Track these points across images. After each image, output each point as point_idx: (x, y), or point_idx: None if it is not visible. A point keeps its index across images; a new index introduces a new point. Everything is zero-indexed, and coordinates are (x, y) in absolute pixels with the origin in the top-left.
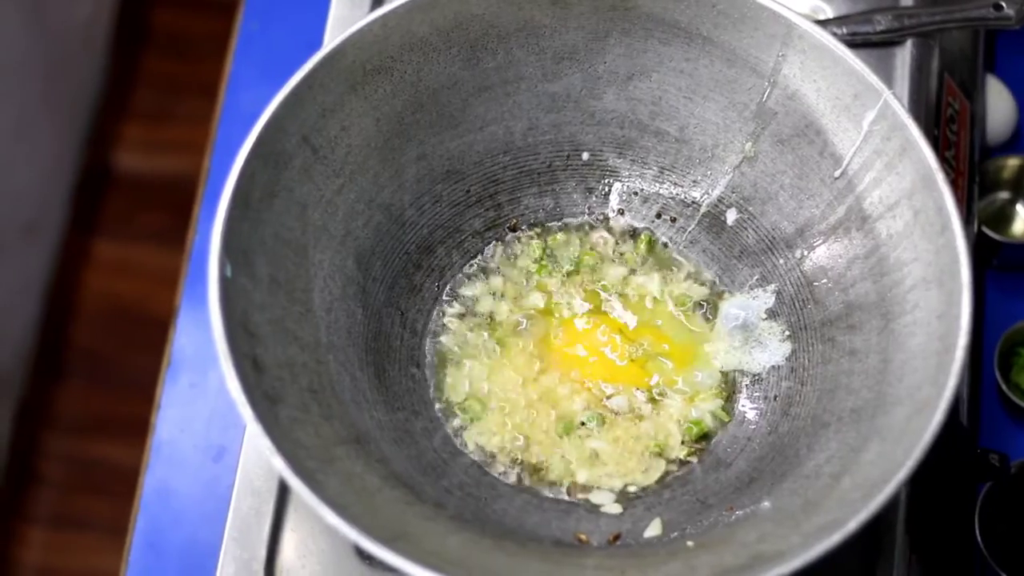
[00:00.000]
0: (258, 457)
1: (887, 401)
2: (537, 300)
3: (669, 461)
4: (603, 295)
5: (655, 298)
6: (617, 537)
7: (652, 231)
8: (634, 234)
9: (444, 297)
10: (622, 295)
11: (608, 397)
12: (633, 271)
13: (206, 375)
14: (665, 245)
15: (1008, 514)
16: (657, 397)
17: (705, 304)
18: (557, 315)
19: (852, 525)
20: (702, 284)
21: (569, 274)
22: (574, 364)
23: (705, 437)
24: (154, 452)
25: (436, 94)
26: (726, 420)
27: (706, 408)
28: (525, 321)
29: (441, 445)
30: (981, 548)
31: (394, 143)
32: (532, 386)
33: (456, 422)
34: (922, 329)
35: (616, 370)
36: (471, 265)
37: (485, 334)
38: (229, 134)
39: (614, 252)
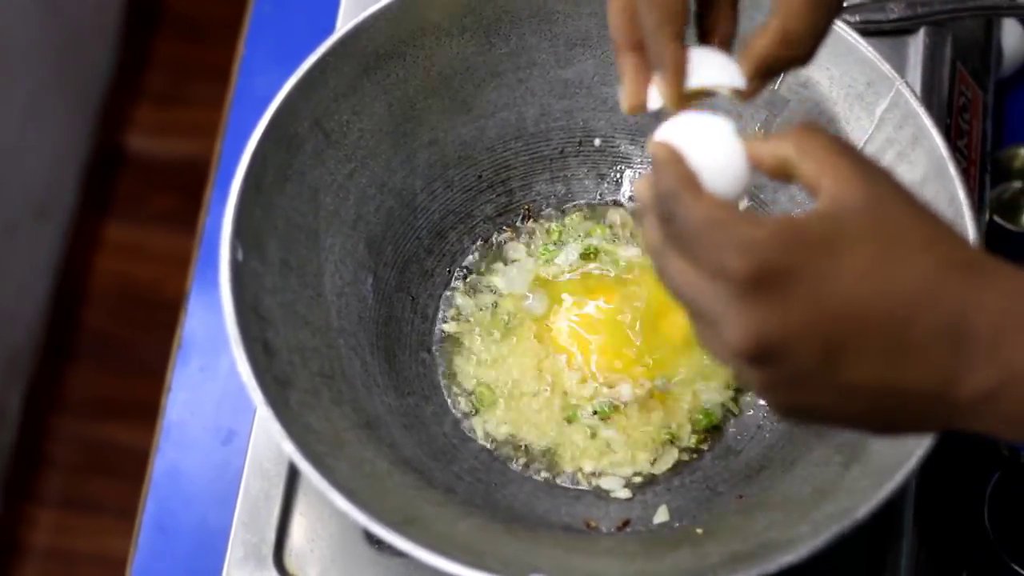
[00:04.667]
0: (268, 441)
1: None
2: (547, 284)
3: (680, 449)
4: (613, 274)
5: None
6: (626, 523)
7: None
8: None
9: (455, 283)
10: (633, 279)
11: (617, 385)
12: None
13: (217, 358)
14: None
15: (1018, 504)
16: (668, 385)
17: None
18: (566, 300)
19: (861, 513)
20: None
21: (580, 257)
22: (583, 351)
23: (715, 427)
24: (164, 435)
25: (448, 79)
26: (736, 412)
27: (716, 399)
28: (534, 304)
29: (451, 430)
30: (991, 538)
31: (406, 128)
32: (541, 373)
33: (465, 407)
34: None
35: (626, 357)
36: (484, 250)
37: (494, 320)
38: (241, 117)
39: (629, 234)
